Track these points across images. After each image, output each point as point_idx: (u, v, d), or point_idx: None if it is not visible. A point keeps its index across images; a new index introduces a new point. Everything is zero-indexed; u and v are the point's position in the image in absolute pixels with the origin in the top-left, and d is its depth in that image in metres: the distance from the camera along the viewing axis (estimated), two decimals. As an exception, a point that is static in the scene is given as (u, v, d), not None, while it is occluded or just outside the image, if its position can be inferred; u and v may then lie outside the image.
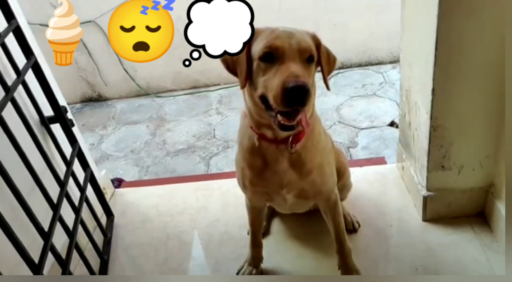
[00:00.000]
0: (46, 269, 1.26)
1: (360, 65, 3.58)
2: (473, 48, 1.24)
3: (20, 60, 1.36)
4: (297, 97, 0.91)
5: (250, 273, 1.49)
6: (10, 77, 1.29)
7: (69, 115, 1.63)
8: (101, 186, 1.83)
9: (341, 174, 1.47)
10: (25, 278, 1.05)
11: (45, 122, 1.48)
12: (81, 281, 1.32)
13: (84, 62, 3.51)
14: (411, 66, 1.51)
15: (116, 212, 1.90)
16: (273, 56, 0.97)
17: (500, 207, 1.44)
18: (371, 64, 3.57)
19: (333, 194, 1.31)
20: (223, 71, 1.11)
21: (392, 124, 2.75)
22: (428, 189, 1.55)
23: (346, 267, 1.41)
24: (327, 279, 1.39)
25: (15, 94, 1.27)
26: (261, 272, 1.51)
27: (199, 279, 1.48)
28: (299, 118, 0.97)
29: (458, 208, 1.57)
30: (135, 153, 2.91)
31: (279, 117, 0.96)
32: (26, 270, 1.10)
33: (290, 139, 1.11)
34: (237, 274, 1.51)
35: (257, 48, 0.99)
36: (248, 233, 1.49)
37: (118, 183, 2.28)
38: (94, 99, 3.71)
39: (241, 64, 1.03)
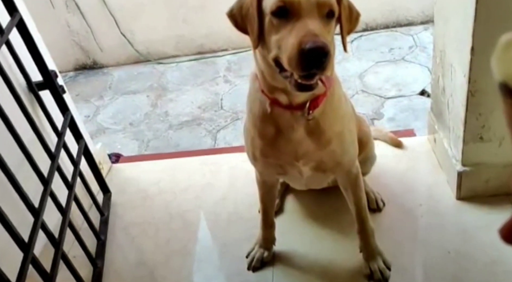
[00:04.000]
0: (38, 250, 1.28)
1: (387, 27, 3.49)
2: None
3: (4, 18, 1.35)
4: (315, 59, 0.87)
5: (261, 256, 1.49)
6: (-7, 36, 1.28)
7: (60, 80, 1.63)
8: (97, 161, 1.84)
9: (364, 145, 1.45)
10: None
11: (33, 88, 1.48)
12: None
13: (77, 24, 3.49)
14: (447, 22, 1.46)
15: (114, 189, 1.92)
16: (287, 11, 0.93)
17: (546, 184, 1.41)
18: (400, 25, 3.48)
19: (354, 166, 1.29)
20: (232, 35, 1.08)
21: (422, 93, 2.69)
22: (463, 164, 1.52)
23: (368, 249, 1.40)
24: None
25: (-1, 57, 1.26)
26: (273, 255, 1.51)
27: None
28: (318, 78, 0.94)
29: (497, 185, 1.54)
30: (134, 126, 2.92)
31: (296, 75, 0.93)
32: (16, 251, 1.11)
33: (308, 104, 1.08)
34: (247, 257, 1.51)
35: (270, 1, 0.96)
36: (259, 212, 1.49)
37: (115, 158, 2.29)
38: (89, 67, 3.70)
39: (251, 20, 1.00)
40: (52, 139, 1.52)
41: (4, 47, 1.30)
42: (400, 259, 1.43)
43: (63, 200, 1.41)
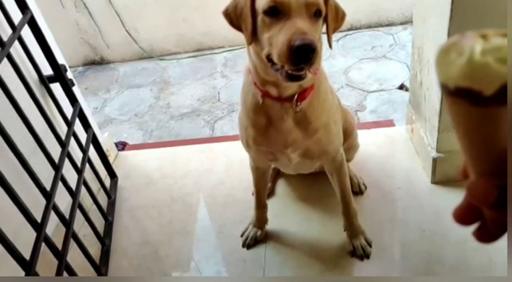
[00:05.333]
0: (50, 230, 1.27)
1: (369, 27, 3.46)
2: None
3: (16, 15, 1.32)
4: (303, 55, 0.86)
5: (255, 235, 1.49)
6: (6, 33, 1.25)
7: (69, 74, 1.61)
8: (104, 148, 1.82)
9: (348, 134, 1.44)
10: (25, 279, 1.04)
11: (44, 81, 1.45)
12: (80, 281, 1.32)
13: (85, 23, 3.44)
14: (425, 21, 1.45)
15: (120, 174, 1.90)
16: (278, 10, 0.91)
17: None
18: (381, 26, 3.45)
19: (339, 154, 1.29)
20: (228, 33, 1.06)
21: (401, 87, 2.68)
22: (438, 151, 1.52)
23: (352, 228, 1.40)
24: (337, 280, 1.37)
25: (12, 52, 1.24)
26: (266, 234, 1.51)
27: (198, 280, 1.47)
28: (306, 70, 0.93)
29: (468, 171, 1.54)
30: (139, 117, 2.89)
31: (286, 66, 0.92)
32: (30, 231, 1.10)
33: (296, 96, 1.07)
34: (242, 236, 1.51)
35: (262, 1, 0.94)
36: (252, 195, 1.49)
37: (122, 146, 2.27)
38: (97, 62, 3.65)
39: (245, 19, 0.98)
40: (62, 128, 1.50)
41: (16, 43, 1.28)
42: (380, 237, 1.44)
43: (73, 184, 1.40)
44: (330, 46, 1.07)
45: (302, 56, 0.86)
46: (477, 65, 0.26)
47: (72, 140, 1.49)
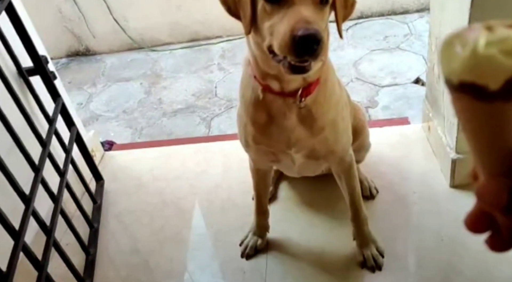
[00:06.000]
0: (30, 237, 1.27)
1: (382, 14, 3.46)
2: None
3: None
4: (307, 47, 0.85)
5: (255, 244, 1.49)
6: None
7: (51, 66, 1.60)
8: (89, 148, 1.82)
9: (358, 133, 1.44)
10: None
11: (23, 74, 1.45)
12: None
13: (68, 10, 3.43)
14: (443, 8, 1.44)
15: (107, 176, 1.90)
16: None
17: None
18: (395, 13, 3.45)
19: (348, 154, 1.28)
20: (226, 22, 1.05)
21: (417, 81, 2.67)
22: (457, 152, 1.52)
23: (362, 237, 1.40)
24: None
25: (-13, 41, 1.24)
26: (267, 242, 1.51)
27: None
28: (310, 62, 0.92)
29: (490, 173, 1.54)
30: (128, 113, 2.89)
31: (289, 58, 0.91)
32: (7, 239, 1.09)
33: (300, 91, 1.07)
34: (241, 244, 1.51)
35: None
36: (252, 199, 1.49)
37: (109, 146, 2.26)
38: (81, 53, 3.65)
39: (244, 6, 0.98)
40: (43, 126, 1.50)
41: (-8, 31, 1.28)
42: (394, 246, 1.43)
43: (55, 188, 1.40)
44: (341, 35, 1.06)
45: (306, 47, 0.86)
46: (481, 58, 0.26)
47: (54, 139, 1.49)
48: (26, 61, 1.49)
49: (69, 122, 1.67)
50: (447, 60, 0.29)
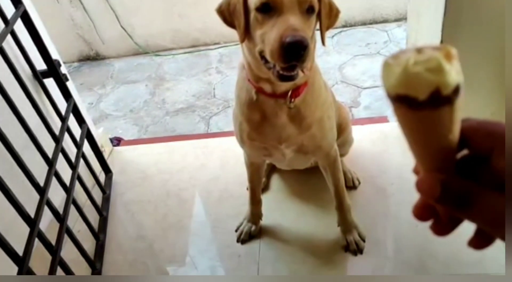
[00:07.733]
0: (44, 225, 1.26)
1: (364, 23, 3.46)
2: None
3: (9, 10, 1.30)
4: (295, 52, 0.85)
5: (249, 230, 1.48)
6: (-2, 27, 1.24)
7: (63, 69, 1.58)
8: (99, 144, 1.80)
9: (343, 129, 1.44)
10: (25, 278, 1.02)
11: (38, 76, 1.43)
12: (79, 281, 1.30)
13: (80, 18, 3.40)
14: (419, 18, 1.44)
15: (115, 169, 1.89)
16: (270, 7, 0.90)
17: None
18: (376, 22, 3.44)
19: (333, 149, 1.28)
20: (224, 29, 1.05)
21: (395, 83, 2.68)
22: (431, 147, 1.52)
23: (345, 223, 1.40)
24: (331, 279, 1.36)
25: (5, 46, 1.22)
26: (260, 229, 1.51)
27: (195, 279, 1.44)
28: (298, 70, 0.92)
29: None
30: (134, 112, 2.87)
31: (278, 66, 0.91)
32: (23, 226, 1.08)
33: (289, 93, 1.06)
34: (236, 231, 1.50)
35: None
36: (247, 190, 1.48)
37: (117, 142, 2.25)
38: (92, 58, 3.62)
39: (238, 16, 0.97)
40: (56, 124, 1.48)
41: (9, 37, 1.26)
42: (374, 232, 1.43)
43: (67, 180, 1.38)
44: (323, 43, 1.06)
45: (293, 53, 0.85)
46: (411, 74, 0.29)
47: (66, 136, 1.47)
48: (41, 65, 1.47)
49: (80, 120, 1.65)
50: (386, 76, 0.31)
